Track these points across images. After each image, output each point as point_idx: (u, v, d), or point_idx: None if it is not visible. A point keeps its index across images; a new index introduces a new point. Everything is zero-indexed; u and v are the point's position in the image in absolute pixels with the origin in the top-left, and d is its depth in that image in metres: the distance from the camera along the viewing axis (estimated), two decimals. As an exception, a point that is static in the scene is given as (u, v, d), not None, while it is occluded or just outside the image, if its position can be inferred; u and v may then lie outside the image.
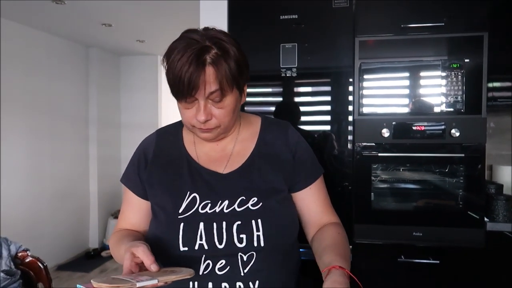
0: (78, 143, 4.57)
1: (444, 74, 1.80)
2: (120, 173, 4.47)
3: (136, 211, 1.07)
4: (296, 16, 1.88)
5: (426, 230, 1.82)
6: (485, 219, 1.82)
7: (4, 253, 1.43)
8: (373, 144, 1.85)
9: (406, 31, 1.84)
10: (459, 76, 1.79)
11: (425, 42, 1.84)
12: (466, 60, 1.79)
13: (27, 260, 1.50)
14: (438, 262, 1.80)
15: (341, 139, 1.88)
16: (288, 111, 1.96)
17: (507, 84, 2.05)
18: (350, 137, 1.87)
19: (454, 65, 1.80)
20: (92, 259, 4.45)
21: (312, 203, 1.06)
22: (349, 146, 1.87)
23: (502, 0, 1.97)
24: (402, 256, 1.83)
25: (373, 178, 1.88)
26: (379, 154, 1.84)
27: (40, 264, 1.47)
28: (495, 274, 1.79)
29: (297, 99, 1.97)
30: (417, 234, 1.82)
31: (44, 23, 3.68)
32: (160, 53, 5.01)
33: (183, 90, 0.88)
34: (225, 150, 1.04)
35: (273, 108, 1.94)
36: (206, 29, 0.95)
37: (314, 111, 1.97)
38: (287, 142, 1.06)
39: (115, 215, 4.87)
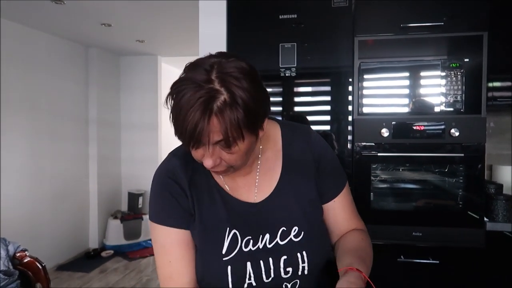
0: (78, 143, 4.57)
1: (443, 73, 1.80)
2: (120, 173, 4.43)
3: (187, 258, 0.92)
4: (295, 16, 1.88)
5: (426, 230, 1.81)
6: (485, 219, 1.82)
7: (2, 253, 1.42)
8: (373, 144, 1.85)
9: (406, 30, 1.84)
10: (459, 76, 1.79)
11: (425, 42, 1.84)
12: (465, 60, 1.79)
13: (26, 260, 1.49)
14: (437, 262, 1.79)
15: (341, 139, 1.88)
16: (294, 110, 1.96)
17: (507, 83, 2.05)
18: (349, 137, 1.87)
19: (454, 65, 1.80)
20: (92, 259, 4.45)
21: (338, 214, 1.02)
22: (349, 146, 1.87)
23: (501, 0, 1.96)
24: (402, 256, 1.82)
25: (372, 178, 1.87)
26: (379, 154, 1.84)
27: (38, 264, 1.47)
28: (495, 274, 1.79)
29: (296, 99, 1.97)
30: (416, 234, 1.82)
31: (44, 23, 3.68)
32: (160, 53, 5.02)
33: (185, 138, 0.78)
34: (250, 173, 0.96)
35: (273, 108, 1.94)
36: (223, 56, 0.81)
37: (314, 111, 1.97)
38: (313, 153, 0.99)
39: (115, 216, 4.87)
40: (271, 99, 2.04)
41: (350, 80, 1.87)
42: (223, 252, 0.88)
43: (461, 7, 1.81)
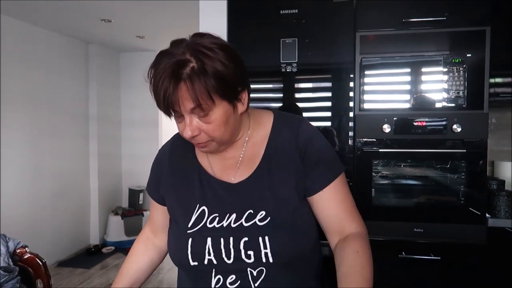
0: (79, 140, 4.56)
1: (445, 69, 1.79)
2: (121, 170, 4.46)
3: (160, 214, 1.11)
4: (297, 11, 1.86)
5: (427, 226, 1.81)
6: (487, 215, 1.81)
7: (2, 249, 1.42)
8: (374, 139, 1.84)
9: (408, 25, 1.82)
10: (461, 71, 1.78)
11: (427, 37, 1.83)
12: (468, 55, 1.78)
13: (26, 256, 1.49)
14: (439, 258, 1.79)
15: (342, 135, 1.87)
16: (294, 105, 1.95)
17: (510, 79, 2.04)
18: (351, 133, 1.86)
19: (456, 60, 1.78)
20: (93, 255, 4.46)
21: (326, 208, 0.96)
22: (350, 142, 1.86)
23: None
24: (403, 253, 1.82)
25: (374, 174, 1.87)
26: (380, 150, 1.83)
27: (38, 261, 1.47)
28: (497, 270, 1.78)
29: (297, 95, 1.96)
30: (418, 230, 1.81)
31: (44, 19, 3.67)
32: (159, 49, 4.97)
33: (162, 107, 0.85)
34: (235, 157, 0.99)
35: (273, 104, 1.93)
36: (197, 35, 0.89)
37: (315, 107, 1.96)
38: (297, 144, 0.97)
39: (116, 212, 4.87)
40: (272, 95, 2.04)
41: (352, 75, 1.85)
42: (189, 225, 0.95)
43: (463, 2, 1.79)
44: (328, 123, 1.90)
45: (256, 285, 0.89)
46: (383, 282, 1.86)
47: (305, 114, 1.93)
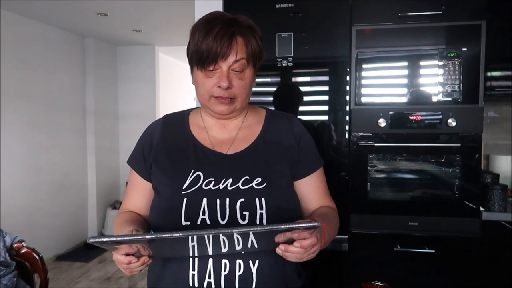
0: (76, 134, 4.55)
1: (441, 63, 1.79)
2: (119, 164, 4.44)
3: (140, 193, 1.09)
4: (292, 5, 1.86)
5: (422, 220, 1.82)
6: (481, 208, 1.82)
7: (-1, 244, 1.43)
8: (370, 134, 1.85)
9: (404, 19, 1.82)
10: (457, 65, 1.78)
11: (423, 31, 1.83)
12: (463, 49, 1.78)
13: (23, 251, 1.49)
14: (434, 251, 1.80)
15: (338, 129, 1.88)
16: (287, 96, 1.95)
17: (506, 73, 2.04)
18: (347, 127, 1.87)
19: (452, 54, 1.78)
20: (91, 249, 4.46)
21: (312, 192, 1.08)
22: (346, 136, 1.87)
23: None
24: (398, 246, 1.83)
25: (369, 168, 1.88)
26: (376, 144, 1.84)
27: (35, 255, 1.47)
28: (491, 263, 1.80)
29: (296, 90, 1.96)
30: (413, 224, 1.83)
31: (40, 13, 3.64)
32: (156, 43, 4.98)
33: (214, 55, 0.92)
34: (230, 134, 1.06)
35: (270, 98, 1.93)
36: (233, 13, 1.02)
37: (311, 101, 1.96)
38: (292, 130, 1.08)
39: (114, 206, 4.87)
40: (268, 89, 2.03)
41: (348, 70, 1.86)
42: (183, 187, 0.96)
43: (459, -4, 1.79)
44: (325, 117, 1.91)
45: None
46: (379, 275, 1.88)
47: (301, 108, 1.93)
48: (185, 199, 0.94)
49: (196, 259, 0.92)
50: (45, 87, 4.06)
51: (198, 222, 0.92)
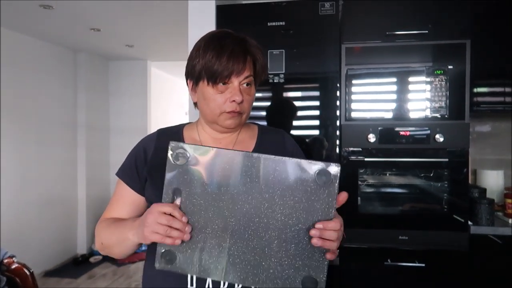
0: (67, 148, 4.53)
1: (428, 79, 1.84)
2: (109, 178, 4.39)
3: (127, 204, 1.08)
4: (284, 23, 1.91)
5: (412, 234, 1.85)
6: (469, 222, 1.85)
7: (-10, 260, 1.41)
8: (360, 149, 1.88)
9: (391, 38, 1.88)
10: (443, 82, 1.83)
11: (410, 49, 1.88)
12: (450, 67, 1.83)
13: (13, 266, 1.48)
14: (423, 265, 1.82)
15: (329, 144, 1.91)
16: (281, 111, 1.98)
17: (491, 89, 2.10)
18: (338, 142, 1.90)
19: (438, 72, 1.84)
20: (80, 265, 4.41)
21: None
22: (337, 150, 1.90)
23: (484, 8, 2.02)
24: (389, 260, 1.85)
25: (360, 182, 1.90)
26: (365, 159, 1.87)
27: (26, 271, 1.46)
28: (479, 276, 1.82)
29: (288, 105, 1.99)
30: (403, 238, 1.85)
31: (32, 28, 3.66)
32: (148, 58, 5.01)
33: (230, 72, 0.96)
34: (227, 147, 1.08)
35: (263, 113, 1.96)
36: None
37: (302, 116, 1.99)
38: (284, 145, 1.12)
39: (104, 221, 4.82)
40: (260, 104, 2.06)
41: (338, 85, 1.90)
42: None
43: (444, 16, 1.85)
44: (316, 132, 1.94)
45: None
46: (369, 289, 1.89)
47: (293, 123, 1.96)
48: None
49: (195, 276, 0.91)
50: (36, 101, 4.05)
51: None
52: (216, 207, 0.81)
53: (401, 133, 1.85)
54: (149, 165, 1.06)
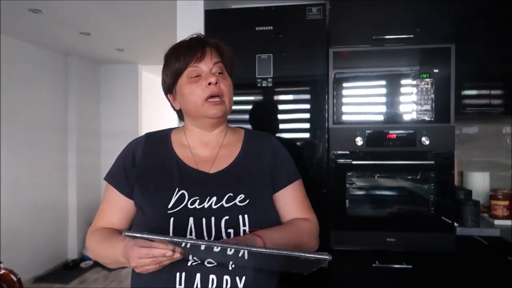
0: (57, 152, 4.50)
1: (414, 83, 1.86)
2: (100, 182, 4.36)
3: (117, 210, 1.08)
4: (271, 28, 1.92)
5: (399, 236, 1.86)
6: (455, 224, 1.88)
7: (-24, 266, 1.40)
8: (348, 152, 1.89)
9: (378, 42, 1.90)
10: (429, 86, 1.86)
11: (397, 53, 1.91)
12: (435, 70, 1.86)
13: (0, 272, 1.47)
14: (411, 266, 1.84)
15: (318, 147, 1.92)
16: (266, 118, 1.99)
17: (477, 92, 2.13)
18: (326, 145, 1.91)
19: (424, 75, 1.86)
20: (71, 270, 4.37)
21: (290, 203, 1.10)
22: (325, 153, 1.91)
23: (469, 12, 2.05)
24: (377, 262, 1.87)
25: (348, 185, 1.92)
26: (353, 162, 1.89)
27: (13, 277, 1.45)
28: (466, 277, 1.84)
29: (273, 108, 2.00)
30: (390, 240, 1.87)
31: (22, 32, 3.64)
32: (139, 61, 5.00)
33: (190, 57, 1.02)
34: (213, 151, 1.09)
35: (248, 117, 1.97)
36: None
37: (290, 119, 2.01)
38: (269, 146, 1.13)
39: (95, 225, 4.79)
40: (248, 107, 2.07)
41: (326, 89, 1.91)
42: (169, 206, 0.98)
43: (430, 21, 1.88)
44: (304, 136, 1.95)
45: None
46: (357, 291, 1.90)
47: (281, 126, 1.98)
48: (172, 219, 0.96)
49: (184, 273, 0.93)
50: (26, 105, 4.03)
51: None
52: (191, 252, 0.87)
53: (388, 136, 1.87)
54: (136, 170, 1.06)
